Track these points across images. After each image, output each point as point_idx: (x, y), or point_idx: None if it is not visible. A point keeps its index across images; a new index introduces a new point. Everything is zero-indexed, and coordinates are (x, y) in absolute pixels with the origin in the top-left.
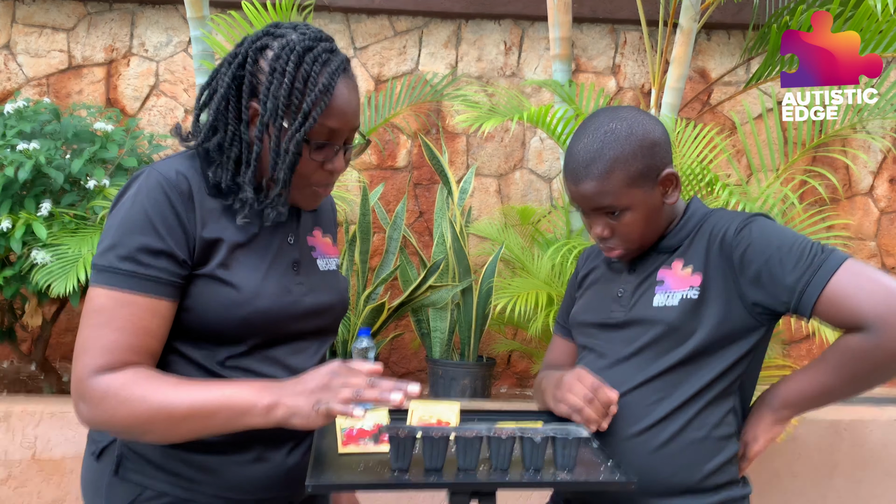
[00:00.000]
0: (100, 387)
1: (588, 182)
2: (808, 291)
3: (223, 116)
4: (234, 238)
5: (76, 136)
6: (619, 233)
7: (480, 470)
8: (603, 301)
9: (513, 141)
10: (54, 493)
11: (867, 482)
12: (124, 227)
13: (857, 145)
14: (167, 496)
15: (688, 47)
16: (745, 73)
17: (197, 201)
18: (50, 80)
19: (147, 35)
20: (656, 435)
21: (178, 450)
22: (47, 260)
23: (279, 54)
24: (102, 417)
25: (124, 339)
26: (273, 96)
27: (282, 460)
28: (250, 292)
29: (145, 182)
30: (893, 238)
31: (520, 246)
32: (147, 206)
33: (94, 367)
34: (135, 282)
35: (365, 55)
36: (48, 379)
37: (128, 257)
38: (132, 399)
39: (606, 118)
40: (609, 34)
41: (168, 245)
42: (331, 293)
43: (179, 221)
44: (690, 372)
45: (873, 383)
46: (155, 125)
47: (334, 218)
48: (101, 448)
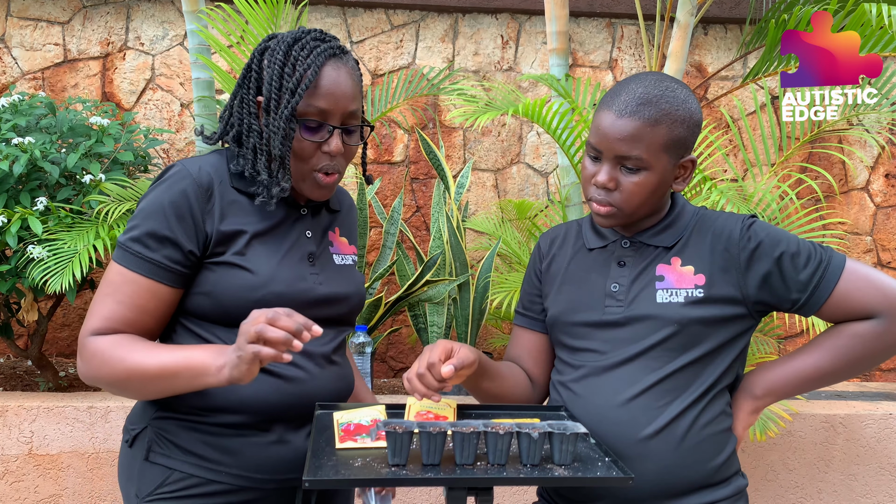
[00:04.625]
0: (91, 346)
1: (631, 120)
2: (821, 288)
3: (238, 112)
4: (255, 228)
5: (72, 130)
6: (624, 190)
7: (478, 465)
8: (592, 297)
9: (510, 136)
10: (51, 488)
11: (861, 477)
12: (143, 212)
13: (852, 141)
14: (193, 477)
15: (685, 42)
16: (742, 67)
17: (217, 194)
18: (45, 73)
19: (143, 29)
20: (670, 434)
21: (202, 433)
22: (43, 255)
23: (273, 49)
24: (91, 373)
25: (122, 311)
26: (268, 84)
27: (302, 443)
28: (266, 276)
29: (172, 174)
30: (889, 233)
31: (517, 241)
32: (165, 196)
33: (91, 328)
34: (139, 263)
35: (361, 49)
36: (44, 374)
37: (138, 240)
38: (112, 359)
39: (668, 79)
40: (606, 28)
41: (175, 235)
42: (346, 285)
43: (192, 214)
44: (698, 371)
45: (868, 366)
46: (151, 119)
47: (354, 224)
48: (134, 436)
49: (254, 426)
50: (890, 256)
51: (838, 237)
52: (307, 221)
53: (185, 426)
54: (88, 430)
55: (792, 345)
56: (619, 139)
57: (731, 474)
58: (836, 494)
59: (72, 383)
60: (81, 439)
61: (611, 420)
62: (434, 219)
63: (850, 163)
